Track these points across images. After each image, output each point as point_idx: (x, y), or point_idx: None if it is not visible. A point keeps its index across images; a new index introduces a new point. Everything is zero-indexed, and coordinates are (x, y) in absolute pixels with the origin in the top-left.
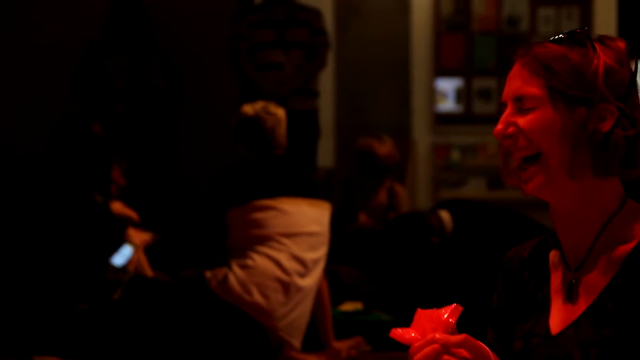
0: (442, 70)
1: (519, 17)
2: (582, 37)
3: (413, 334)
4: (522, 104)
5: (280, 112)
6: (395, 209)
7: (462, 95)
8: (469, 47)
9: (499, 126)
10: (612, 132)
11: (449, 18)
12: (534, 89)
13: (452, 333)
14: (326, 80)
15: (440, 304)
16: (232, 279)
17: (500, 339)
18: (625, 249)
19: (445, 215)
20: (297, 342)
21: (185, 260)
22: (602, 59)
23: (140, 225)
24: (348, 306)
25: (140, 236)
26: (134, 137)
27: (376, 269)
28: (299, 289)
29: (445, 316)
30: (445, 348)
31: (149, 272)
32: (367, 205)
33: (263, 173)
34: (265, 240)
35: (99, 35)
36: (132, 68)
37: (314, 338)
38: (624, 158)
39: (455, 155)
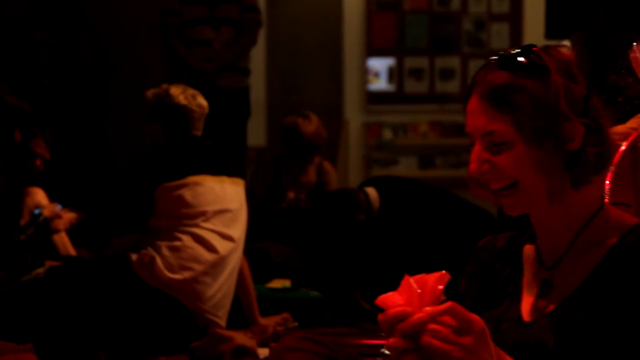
0: (373, 49)
1: None
2: (534, 60)
3: (398, 302)
4: (492, 140)
5: (206, 105)
6: (324, 187)
7: (393, 74)
8: (400, 26)
9: (473, 165)
10: (582, 150)
11: None
12: (501, 126)
13: (440, 301)
14: (258, 59)
15: (367, 281)
16: (159, 262)
17: None
18: (603, 247)
19: (372, 192)
20: (223, 322)
21: (110, 238)
22: (559, 81)
23: (66, 204)
24: (277, 283)
25: (65, 216)
26: (60, 112)
27: (305, 246)
28: (225, 267)
29: (433, 284)
30: (432, 317)
31: (72, 251)
32: (296, 182)
33: (188, 152)
34: (193, 218)
35: (24, 9)
36: (58, 42)
37: (241, 315)
38: (597, 165)
39: (387, 134)
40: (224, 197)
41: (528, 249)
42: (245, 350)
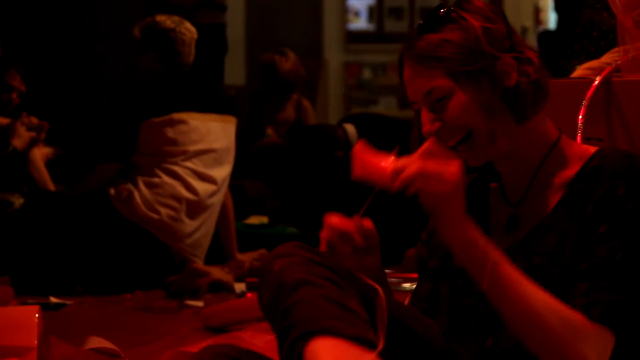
0: None
1: None
2: (447, 14)
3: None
4: (433, 98)
5: (194, 30)
6: (302, 124)
7: (374, 13)
8: None
9: (425, 127)
10: (518, 83)
11: None
12: (437, 81)
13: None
14: None
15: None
16: (137, 197)
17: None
18: (565, 177)
19: (350, 128)
20: (200, 260)
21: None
22: (475, 24)
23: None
24: (254, 220)
25: (42, 150)
26: (37, 46)
27: (282, 183)
28: (205, 207)
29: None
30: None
31: (50, 186)
32: (275, 120)
33: (176, 87)
34: (173, 156)
35: None
36: None
37: (217, 251)
38: (535, 96)
39: (367, 74)
40: (208, 136)
41: (493, 188)
42: (222, 284)
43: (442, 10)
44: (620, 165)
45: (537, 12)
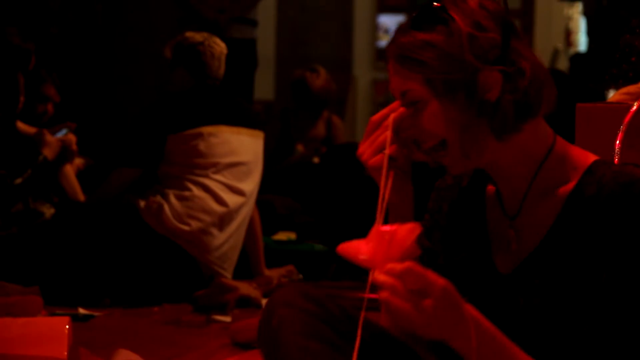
0: (384, 5)
1: None
2: (440, 12)
3: (362, 251)
4: (408, 100)
5: (223, 45)
6: (332, 141)
7: None
8: None
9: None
10: (500, 98)
11: None
12: (413, 85)
13: (409, 254)
14: (268, 12)
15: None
16: (166, 209)
17: (433, 257)
18: (563, 191)
19: None
20: (228, 274)
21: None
22: (463, 31)
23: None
24: (282, 236)
25: (73, 161)
26: (68, 60)
27: (311, 199)
28: (234, 221)
29: (404, 236)
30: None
31: (80, 196)
32: (305, 136)
33: (206, 100)
34: (204, 168)
35: None
36: None
37: (245, 266)
38: (519, 113)
39: None
40: (238, 149)
41: (490, 191)
42: (250, 300)
43: (433, 10)
44: (617, 201)
45: (568, 34)
